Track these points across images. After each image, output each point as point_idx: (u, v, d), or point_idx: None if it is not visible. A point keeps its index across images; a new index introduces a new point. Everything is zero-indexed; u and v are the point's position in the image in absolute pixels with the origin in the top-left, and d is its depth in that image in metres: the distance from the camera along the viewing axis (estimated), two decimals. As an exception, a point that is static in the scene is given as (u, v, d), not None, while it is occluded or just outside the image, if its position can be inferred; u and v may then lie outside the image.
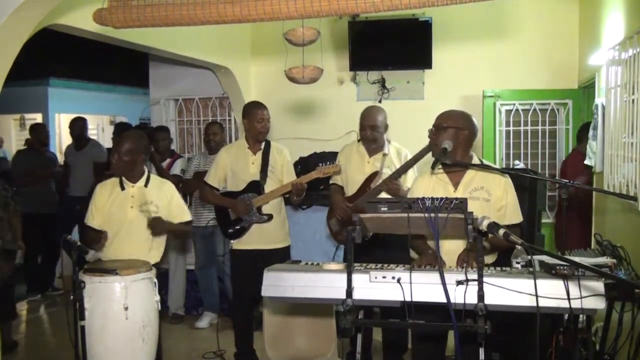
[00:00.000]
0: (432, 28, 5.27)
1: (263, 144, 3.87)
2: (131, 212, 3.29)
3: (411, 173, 3.70)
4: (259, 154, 3.84)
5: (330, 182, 3.95)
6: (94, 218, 3.32)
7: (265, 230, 3.80)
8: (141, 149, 3.39)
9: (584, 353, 2.98)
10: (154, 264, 3.26)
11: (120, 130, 6.08)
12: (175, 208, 3.40)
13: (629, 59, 3.52)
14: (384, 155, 3.75)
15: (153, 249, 3.33)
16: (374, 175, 3.71)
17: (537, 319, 1.98)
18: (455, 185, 2.74)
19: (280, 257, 3.13)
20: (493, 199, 2.71)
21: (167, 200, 3.38)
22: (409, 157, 3.69)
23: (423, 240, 2.76)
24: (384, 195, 3.57)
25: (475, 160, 2.80)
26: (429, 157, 3.39)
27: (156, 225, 3.25)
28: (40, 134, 6.13)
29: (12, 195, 4.35)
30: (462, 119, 2.78)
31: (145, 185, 3.35)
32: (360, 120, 3.79)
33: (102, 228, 3.31)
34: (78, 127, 6.22)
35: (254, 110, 3.81)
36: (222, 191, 3.93)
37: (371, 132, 3.73)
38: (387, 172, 3.65)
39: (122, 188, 3.32)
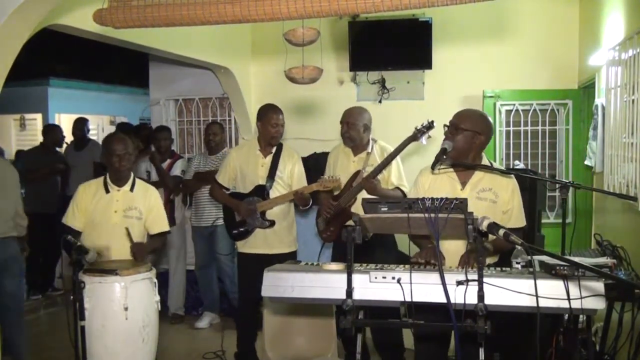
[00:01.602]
0: (432, 28, 5.27)
1: (275, 147, 3.85)
2: (115, 217, 3.24)
3: (395, 166, 3.71)
4: (269, 158, 3.82)
5: None
6: (75, 219, 3.25)
7: (270, 235, 3.79)
8: (134, 150, 3.40)
9: (584, 353, 2.98)
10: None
11: (123, 130, 6.09)
12: (156, 217, 3.37)
13: (629, 60, 3.52)
14: (367, 154, 3.76)
15: None
16: (357, 174, 3.72)
17: (537, 319, 1.98)
18: (463, 184, 2.72)
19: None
20: (500, 202, 2.69)
21: (148, 207, 3.34)
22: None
23: (426, 240, 2.74)
24: (365, 194, 3.57)
25: (485, 162, 2.77)
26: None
27: (138, 252, 3.20)
28: (55, 135, 6.17)
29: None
30: (480, 122, 2.73)
31: (131, 190, 3.32)
32: (341, 118, 3.83)
33: (84, 230, 3.27)
34: (81, 127, 6.26)
35: (269, 114, 3.79)
36: (231, 192, 3.93)
37: (347, 129, 3.74)
38: (369, 170, 3.66)
39: (107, 191, 3.28)
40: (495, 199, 2.69)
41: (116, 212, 3.25)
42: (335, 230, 3.73)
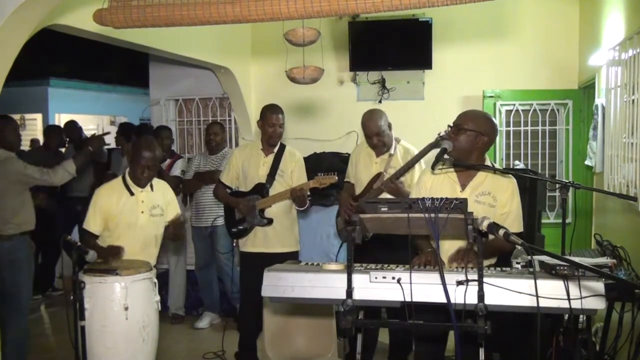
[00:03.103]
0: (432, 28, 5.27)
1: (277, 147, 3.87)
2: (142, 217, 3.31)
3: (418, 170, 3.68)
4: (271, 157, 3.84)
5: (345, 179, 3.95)
6: (97, 224, 3.28)
7: (270, 234, 3.80)
8: (160, 156, 3.49)
9: (584, 353, 2.98)
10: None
11: (125, 130, 6.08)
12: (171, 205, 3.49)
13: (629, 60, 3.52)
14: (390, 155, 3.74)
15: (156, 249, 3.40)
16: (377, 176, 3.70)
17: (537, 319, 1.98)
18: (463, 186, 2.70)
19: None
20: (498, 206, 2.67)
21: (167, 202, 3.46)
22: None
23: (426, 240, 2.74)
24: (386, 195, 3.56)
25: (488, 164, 2.74)
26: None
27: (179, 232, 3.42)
28: (58, 135, 6.16)
29: None
30: (484, 123, 2.70)
31: (152, 189, 3.40)
32: (363, 130, 3.74)
33: (108, 233, 3.29)
34: (71, 130, 6.23)
35: (267, 114, 3.81)
36: (233, 191, 3.95)
37: (378, 139, 3.68)
38: (391, 172, 3.63)
39: (131, 193, 3.32)
40: (493, 203, 2.67)
41: (143, 213, 3.31)
42: None
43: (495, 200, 2.68)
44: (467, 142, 2.67)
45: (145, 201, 3.33)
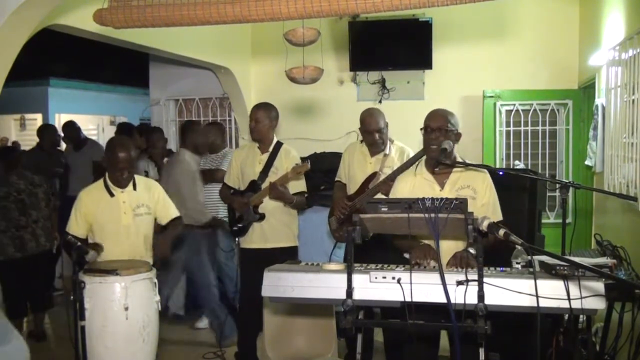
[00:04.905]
0: (432, 28, 5.28)
1: (272, 145, 3.87)
2: (125, 218, 3.24)
3: None
4: (266, 155, 3.86)
5: (335, 179, 3.96)
6: (79, 227, 3.23)
7: (267, 229, 3.81)
8: (136, 154, 3.39)
9: (584, 353, 2.98)
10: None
11: (124, 130, 6.08)
12: (163, 207, 3.40)
13: (629, 60, 3.52)
14: (385, 155, 3.75)
15: (148, 251, 3.34)
16: (373, 175, 3.71)
17: (537, 319, 1.98)
18: (442, 184, 2.74)
19: (283, 257, 3.10)
20: (478, 197, 2.72)
21: (155, 200, 3.36)
22: (412, 156, 3.68)
23: (409, 239, 2.74)
24: (380, 196, 3.56)
25: (459, 159, 2.81)
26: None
27: (162, 252, 3.31)
28: (51, 135, 6.14)
29: (53, 192, 4.59)
30: (455, 120, 2.78)
31: (134, 189, 3.30)
32: (363, 126, 3.73)
33: (94, 235, 3.26)
34: (70, 130, 6.21)
35: (249, 113, 3.86)
36: (234, 191, 3.97)
37: (379, 136, 3.69)
38: (387, 172, 3.64)
39: (111, 194, 3.25)
40: (474, 195, 2.70)
41: (125, 214, 3.25)
42: None
43: (475, 192, 2.72)
44: (454, 140, 2.73)
45: (126, 201, 3.25)
